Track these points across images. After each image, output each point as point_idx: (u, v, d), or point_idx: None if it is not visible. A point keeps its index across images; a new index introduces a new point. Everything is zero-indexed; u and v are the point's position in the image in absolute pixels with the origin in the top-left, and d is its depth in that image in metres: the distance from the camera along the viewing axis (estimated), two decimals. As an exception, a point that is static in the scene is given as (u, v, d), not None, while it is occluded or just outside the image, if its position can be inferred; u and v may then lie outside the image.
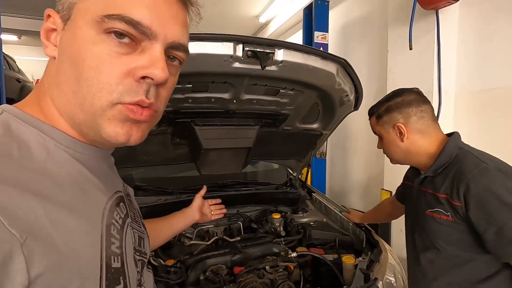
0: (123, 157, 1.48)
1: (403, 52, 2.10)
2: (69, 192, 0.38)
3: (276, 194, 1.92)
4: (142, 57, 0.38)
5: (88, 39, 0.37)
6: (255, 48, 1.04)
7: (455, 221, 0.84)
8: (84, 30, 0.37)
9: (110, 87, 0.37)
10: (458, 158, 0.88)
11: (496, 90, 1.81)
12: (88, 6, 0.37)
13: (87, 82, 0.37)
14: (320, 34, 3.05)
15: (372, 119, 1.05)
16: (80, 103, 0.38)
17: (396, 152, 0.99)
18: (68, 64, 0.38)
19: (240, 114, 1.45)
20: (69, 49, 0.38)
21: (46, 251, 0.31)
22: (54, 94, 0.41)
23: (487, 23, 1.83)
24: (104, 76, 0.37)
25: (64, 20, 0.39)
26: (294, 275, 1.33)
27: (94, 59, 0.37)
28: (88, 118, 0.39)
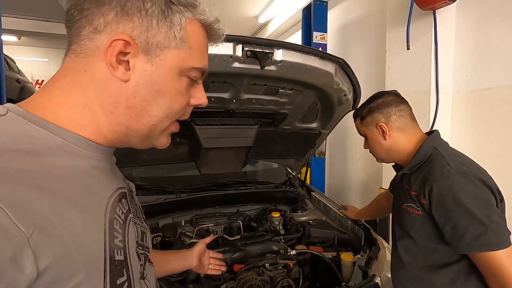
0: (124, 156, 1.49)
1: (401, 52, 2.11)
2: (73, 188, 0.39)
3: (275, 193, 1.93)
4: (197, 90, 0.52)
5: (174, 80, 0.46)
6: (254, 48, 1.06)
7: (423, 215, 0.93)
8: (173, 72, 0.46)
9: (179, 113, 0.50)
10: (431, 158, 0.96)
11: (492, 89, 1.83)
12: (180, 55, 0.46)
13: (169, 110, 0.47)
14: (319, 34, 3.07)
15: (357, 121, 1.12)
16: (154, 124, 0.47)
17: (380, 150, 1.07)
18: (153, 94, 0.45)
19: (239, 114, 1.46)
20: (156, 82, 0.45)
21: (52, 244, 0.33)
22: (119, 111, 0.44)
23: (484, 23, 1.85)
24: (179, 106, 0.49)
25: (146, 53, 0.43)
26: (294, 273, 1.34)
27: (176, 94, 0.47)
28: (152, 134, 0.49)
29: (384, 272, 1.17)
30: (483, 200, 0.84)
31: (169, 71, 0.45)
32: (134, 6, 0.41)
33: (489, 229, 0.80)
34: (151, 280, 0.57)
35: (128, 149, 1.39)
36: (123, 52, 0.42)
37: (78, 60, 0.43)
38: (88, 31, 0.41)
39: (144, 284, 0.52)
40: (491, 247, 0.80)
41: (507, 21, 1.73)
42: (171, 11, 0.43)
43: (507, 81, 1.75)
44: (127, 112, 0.45)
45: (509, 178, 1.66)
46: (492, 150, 1.83)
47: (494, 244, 0.79)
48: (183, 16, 0.44)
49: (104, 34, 0.41)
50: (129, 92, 0.43)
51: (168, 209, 1.65)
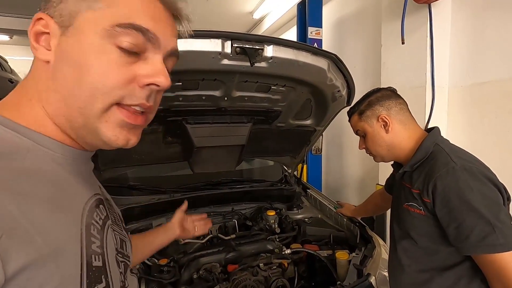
0: (115, 156, 1.47)
1: (397, 47, 2.09)
2: (47, 191, 0.38)
3: (271, 191, 1.92)
4: (147, 66, 0.42)
5: (97, 48, 0.39)
6: (243, 44, 1.03)
7: (426, 215, 0.88)
8: (93, 39, 0.39)
9: (113, 91, 0.40)
10: (433, 155, 0.92)
11: (489, 83, 1.81)
12: (97, 17, 0.39)
13: (92, 86, 0.39)
14: (314, 29, 3.04)
15: (354, 117, 1.07)
16: (81, 107, 0.40)
17: (381, 146, 1.01)
18: (71, 70, 0.39)
19: (232, 112, 1.44)
20: (73, 56, 0.39)
21: (23, 249, 0.31)
22: (51, 98, 0.41)
23: (480, 16, 1.82)
24: (111, 82, 0.39)
25: (61, 26, 0.40)
26: (289, 272, 1.33)
27: (102, 66, 0.39)
28: (87, 121, 0.41)
29: (379, 270, 1.16)
30: (490, 198, 0.79)
31: (87, 40, 0.39)
32: None
33: (496, 229, 0.75)
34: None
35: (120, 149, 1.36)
36: (43, 32, 0.40)
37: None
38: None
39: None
40: (497, 248, 0.75)
41: (503, 13, 1.71)
42: None
43: (504, 74, 1.73)
44: (57, 98, 0.40)
45: (506, 173, 1.64)
46: (489, 145, 1.81)
47: (500, 245, 0.74)
48: None
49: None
50: (51, 73, 0.40)
51: (162, 209, 1.63)
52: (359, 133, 1.08)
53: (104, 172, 1.51)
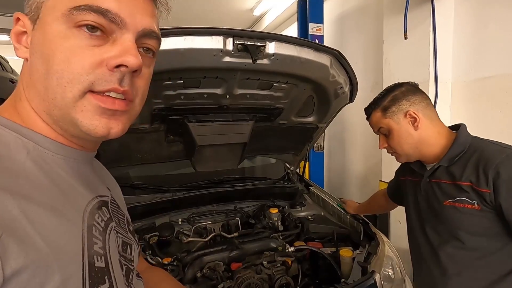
0: (117, 155, 1.47)
1: (399, 42, 2.07)
2: (47, 192, 0.38)
3: (273, 188, 1.91)
4: (114, 47, 0.39)
5: (59, 35, 0.38)
6: (245, 41, 1.02)
7: (481, 209, 0.81)
8: (54, 26, 0.38)
9: (81, 77, 0.38)
10: (474, 146, 0.87)
11: (493, 78, 1.79)
12: (55, 2, 0.38)
13: (57, 75, 0.37)
14: (315, 26, 3.01)
15: (376, 114, 1.00)
16: (52, 98, 0.39)
17: (409, 143, 0.94)
18: (40, 61, 0.39)
19: (234, 109, 1.43)
20: (40, 47, 0.39)
21: (23, 249, 0.31)
22: (31, 94, 0.41)
23: (483, 11, 1.80)
24: (75, 67, 0.37)
25: (33, 21, 0.40)
26: (292, 270, 1.32)
27: (64, 52, 0.37)
28: (63, 112, 0.39)
29: (384, 267, 1.15)
30: None
31: (50, 28, 0.38)
32: None
33: None
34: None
35: (122, 148, 1.35)
36: (23, 32, 0.41)
37: None
38: None
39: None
40: None
41: (507, 7, 1.68)
42: None
43: (508, 69, 1.70)
44: (35, 93, 0.40)
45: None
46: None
47: None
48: None
49: None
50: (28, 69, 0.40)
51: (165, 208, 1.63)
52: (381, 131, 1.01)
53: (106, 172, 1.51)
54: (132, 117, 0.45)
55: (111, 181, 0.60)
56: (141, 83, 0.44)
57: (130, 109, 0.43)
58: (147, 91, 0.47)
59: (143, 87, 0.45)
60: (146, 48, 0.44)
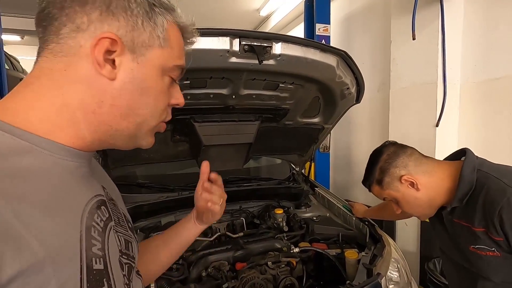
0: (125, 155, 1.48)
1: (407, 42, 2.05)
2: (44, 193, 0.37)
3: (278, 189, 1.91)
4: (174, 91, 0.52)
5: (158, 79, 0.47)
6: (252, 42, 1.02)
7: (503, 255, 0.79)
8: (156, 71, 0.46)
9: (163, 113, 0.51)
10: (481, 183, 0.83)
11: (502, 79, 1.76)
12: (163, 54, 0.46)
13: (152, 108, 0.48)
14: (321, 26, 3.00)
15: (374, 188, 1.01)
16: (138, 122, 0.47)
17: (420, 205, 0.93)
18: (139, 92, 0.45)
19: (240, 110, 1.43)
20: (142, 81, 0.45)
21: (18, 254, 0.31)
22: (103, 109, 0.43)
23: (493, 11, 1.77)
24: (163, 105, 0.50)
25: (132, 52, 0.43)
26: (297, 270, 1.32)
27: (158, 93, 0.48)
28: (139, 133, 0.48)
29: (389, 270, 1.14)
30: None
31: (153, 70, 0.46)
32: (119, 5, 0.41)
33: None
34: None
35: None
36: (110, 51, 0.41)
37: (57, 60, 0.41)
38: (70, 30, 0.40)
39: None
40: None
41: (518, 7, 1.65)
42: (154, 12, 0.44)
43: (518, 70, 1.68)
44: (112, 111, 0.44)
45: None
46: (502, 142, 1.77)
47: None
48: (164, 18, 0.46)
49: (88, 33, 0.40)
50: (115, 90, 0.43)
51: (170, 207, 1.64)
52: (387, 199, 1.00)
53: (113, 170, 1.53)
54: None
55: (106, 179, 0.59)
56: None
57: None
58: None
59: None
60: None
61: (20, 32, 5.73)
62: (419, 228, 2.11)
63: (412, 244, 2.18)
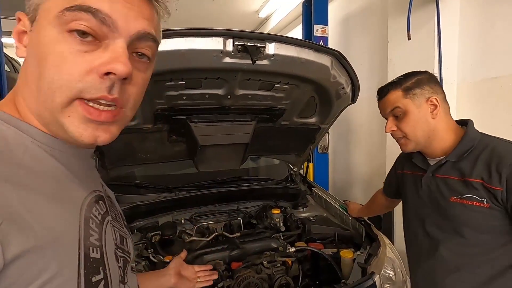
0: (121, 155, 1.49)
1: (403, 42, 2.05)
2: (46, 184, 0.39)
3: (276, 189, 1.91)
4: (105, 53, 0.39)
5: (52, 38, 0.38)
6: (245, 42, 1.03)
7: (490, 206, 0.80)
8: (48, 29, 0.38)
9: (70, 84, 0.38)
10: (484, 143, 0.86)
11: (499, 79, 1.76)
12: (50, 5, 0.38)
13: (48, 79, 0.38)
14: (319, 27, 3.01)
15: (396, 92, 0.95)
16: (43, 101, 0.39)
17: (423, 130, 0.92)
18: (34, 63, 0.39)
19: (235, 110, 1.44)
20: (34, 49, 0.40)
21: (22, 235, 0.33)
22: (25, 93, 0.42)
23: (489, 10, 1.78)
24: (65, 74, 0.37)
25: (31, 21, 0.41)
26: (293, 270, 1.32)
27: (56, 57, 0.38)
28: (52, 116, 0.40)
29: (384, 269, 1.15)
30: None
31: (44, 31, 0.38)
32: None
33: None
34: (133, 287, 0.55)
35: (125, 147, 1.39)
36: (24, 31, 0.41)
37: None
38: None
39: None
40: None
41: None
42: None
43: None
44: (29, 92, 0.41)
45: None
46: (499, 142, 1.77)
47: None
48: None
49: None
50: (24, 69, 0.41)
51: (168, 207, 1.65)
52: (395, 112, 0.95)
53: (110, 171, 1.54)
54: (123, 123, 0.45)
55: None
56: (133, 90, 0.43)
57: (120, 117, 0.43)
58: (140, 96, 0.46)
59: (136, 93, 0.44)
60: (140, 53, 0.44)
61: (21, 35, 5.76)
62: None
63: (410, 244, 2.18)
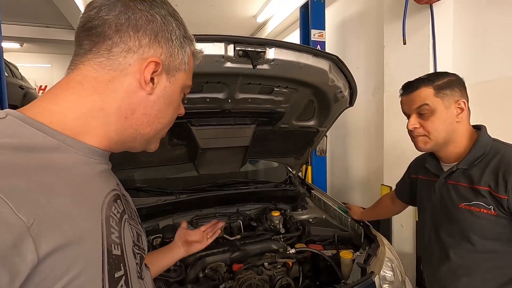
0: (122, 159, 1.51)
1: (399, 47, 2.10)
2: (69, 184, 0.42)
3: (275, 192, 1.93)
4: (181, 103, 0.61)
5: (178, 95, 0.56)
6: (246, 47, 1.06)
7: (497, 214, 0.81)
8: (178, 89, 0.55)
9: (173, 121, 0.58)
10: (495, 150, 0.86)
11: (492, 82, 1.80)
12: (184, 76, 0.56)
13: (171, 118, 0.56)
14: (317, 32, 3.06)
15: (427, 89, 0.91)
16: (158, 128, 0.55)
17: (446, 131, 0.91)
18: (167, 104, 0.54)
19: (236, 113, 1.47)
20: (169, 96, 0.54)
21: (51, 234, 0.35)
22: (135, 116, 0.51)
23: (482, 15, 1.82)
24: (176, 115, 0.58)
25: (167, 73, 0.52)
26: (293, 271, 1.34)
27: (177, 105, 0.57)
28: (155, 137, 0.56)
29: (383, 269, 1.17)
30: None
31: (178, 88, 0.55)
32: (164, 36, 0.51)
33: None
34: (148, 283, 0.58)
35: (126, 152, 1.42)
36: (154, 71, 0.50)
37: (104, 72, 0.47)
38: (121, 50, 0.47)
39: (142, 284, 0.54)
40: None
41: (505, 11, 1.71)
42: (185, 43, 0.54)
43: (507, 72, 1.72)
44: (142, 118, 0.52)
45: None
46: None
47: None
48: (189, 48, 0.55)
49: (137, 55, 0.48)
50: (149, 102, 0.51)
51: (168, 210, 1.66)
52: (422, 110, 0.92)
53: (112, 174, 1.55)
54: None
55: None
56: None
57: None
58: None
59: None
60: None
61: (19, 39, 5.78)
62: (415, 230, 2.13)
63: (408, 246, 2.20)
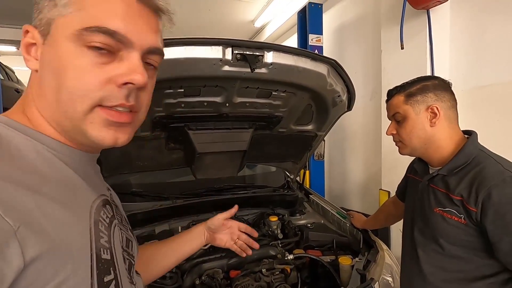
0: (119, 163, 1.48)
1: (396, 52, 2.11)
2: (57, 189, 0.40)
3: (273, 196, 1.91)
4: (122, 65, 0.42)
5: (70, 53, 0.40)
6: (244, 51, 1.05)
7: (467, 224, 0.82)
8: (65, 44, 0.40)
9: (91, 93, 0.41)
10: (477, 161, 0.85)
11: (490, 87, 1.81)
12: (67, 21, 0.40)
13: (69, 90, 0.40)
14: (314, 36, 3.07)
15: (398, 97, 0.95)
16: (64, 111, 0.42)
17: (419, 137, 0.92)
18: (52, 76, 0.41)
19: (233, 118, 1.45)
20: (52, 63, 0.41)
21: (38, 238, 0.34)
22: (41, 104, 0.44)
23: (478, 20, 1.84)
24: (86, 84, 0.40)
25: (43, 35, 0.42)
26: (292, 277, 1.32)
27: (76, 70, 0.40)
28: (73, 124, 0.43)
29: (383, 275, 1.15)
30: None
31: (61, 45, 0.40)
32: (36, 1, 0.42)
33: None
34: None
35: (123, 155, 1.40)
36: (32, 43, 0.43)
37: None
38: None
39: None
40: None
41: (502, 16, 1.72)
42: None
43: (504, 77, 1.73)
44: (46, 103, 0.43)
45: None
46: (490, 148, 1.80)
47: None
48: None
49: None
50: (38, 81, 0.43)
51: (165, 215, 1.63)
52: (396, 117, 0.96)
53: (107, 179, 1.51)
54: (137, 126, 0.49)
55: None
56: (145, 96, 0.47)
57: (134, 120, 0.47)
58: (150, 101, 0.50)
59: (147, 99, 0.48)
60: (147, 63, 0.47)
61: (15, 42, 5.74)
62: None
63: (407, 251, 2.19)
